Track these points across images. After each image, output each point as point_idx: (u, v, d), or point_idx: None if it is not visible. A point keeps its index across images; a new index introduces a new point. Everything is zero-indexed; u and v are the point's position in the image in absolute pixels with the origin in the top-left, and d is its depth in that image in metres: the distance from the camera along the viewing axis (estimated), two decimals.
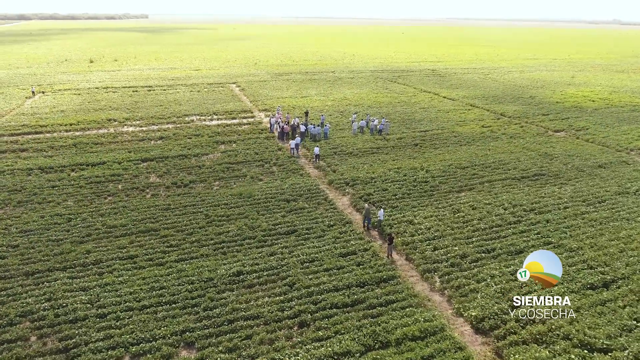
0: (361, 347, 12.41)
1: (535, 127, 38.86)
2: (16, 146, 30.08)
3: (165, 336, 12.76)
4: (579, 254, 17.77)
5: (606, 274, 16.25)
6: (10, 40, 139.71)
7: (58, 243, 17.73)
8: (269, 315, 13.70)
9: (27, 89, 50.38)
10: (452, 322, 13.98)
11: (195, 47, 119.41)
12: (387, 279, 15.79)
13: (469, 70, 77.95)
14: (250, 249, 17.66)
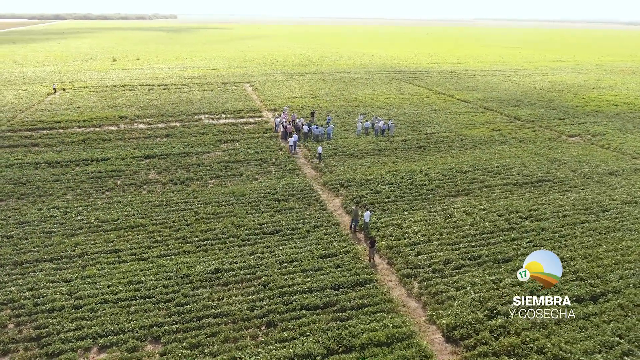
0: (324, 350, 12.30)
1: (549, 132, 37.55)
2: (29, 141, 31.38)
3: (133, 329, 13.02)
4: (570, 264, 17.05)
5: (596, 287, 15.53)
6: (42, 38, 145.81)
7: (50, 235, 18.39)
8: (238, 313, 13.77)
9: (50, 86, 52.47)
10: (424, 330, 13.67)
11: (217, 46, 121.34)
12: (364, 282, 15.59)
13: (489, 72, 76.15)
14: (233, 247, 17.81)
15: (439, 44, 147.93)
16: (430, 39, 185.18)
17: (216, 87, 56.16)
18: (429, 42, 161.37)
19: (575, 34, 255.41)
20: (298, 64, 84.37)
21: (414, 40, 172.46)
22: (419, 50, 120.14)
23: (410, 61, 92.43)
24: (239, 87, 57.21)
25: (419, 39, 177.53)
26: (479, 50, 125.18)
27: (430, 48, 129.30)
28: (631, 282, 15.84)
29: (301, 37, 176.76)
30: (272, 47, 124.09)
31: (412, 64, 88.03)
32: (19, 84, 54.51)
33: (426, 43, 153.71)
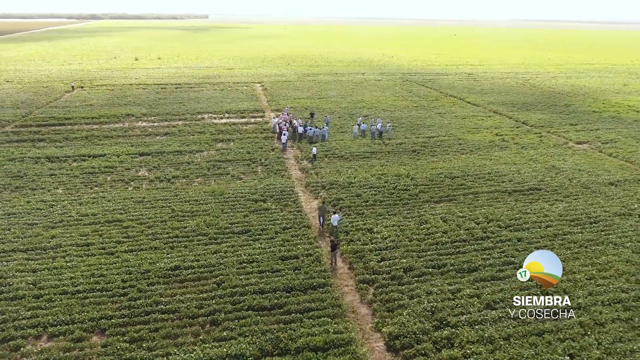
0: (258, 351, 12.39)
1: (555, 138, 36.16)
2: (36, 136, 33.00)
3: (83, 321, 13.53)
4: None
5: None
6: (74, 36, 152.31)
7: (31, 227, 19.32)
8: (185, 311, 14.07)
9: (69, 84, 54.82)
10: (367, 337, 13.53)
11: (238, 46, 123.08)
12: (317, 286, 15.57)
13: (508, 75, 74.00)
14: (199, 245, 18.16)
15: (464, 45, 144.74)
16: (456, 40, 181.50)
17: (227, 86, 57.14)
18: (454, 43, 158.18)
19: (609, 35, 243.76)
20: (314, 64, 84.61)
21: (439, 41, 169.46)
22: (441, 52, 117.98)
23: (429, 63, 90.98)
24: (249, 87, 57.99)
25: (444, 40, 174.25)
26: (504, 52, 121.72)
27: (452, 49, 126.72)
28: (600, 299, 15.11)
29: (326, 37, 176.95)
30: (293, 46, 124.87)
31: (431, 65, 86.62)
32: (42, 82, 57.29)
33: (450, 44, 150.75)
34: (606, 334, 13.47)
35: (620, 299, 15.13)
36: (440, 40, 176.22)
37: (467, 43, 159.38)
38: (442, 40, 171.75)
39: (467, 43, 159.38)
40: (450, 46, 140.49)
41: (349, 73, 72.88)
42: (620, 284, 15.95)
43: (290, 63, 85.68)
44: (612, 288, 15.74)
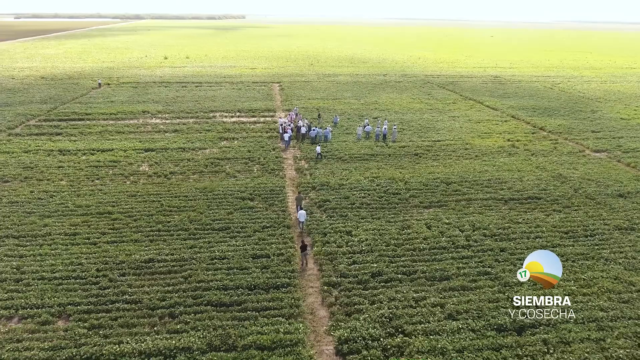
0: (205, 346, 12.66)
1: (571, 145, 34.47)
2: (55, 130, 34.97)
3: (52, 305, 14.28)
4: (513, 289, 15.79)
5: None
6: (114, 34, 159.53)
7: (29, 215, 20.55)
8: (147, 302, 14.56)
9: (97, 81, 57.59)
10: (319, 339, 13.51)
11: (266, 46, 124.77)
12: (281, 285, 15.68)
13: (537, 78, 71.15)
14: (177, 239, 18.70)
15: (498, 47, 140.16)
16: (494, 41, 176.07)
17: (245, 86, 58.21)
18: (489, 44, 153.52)
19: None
20: (337, 65, 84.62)
21: (475, 42, 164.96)
22: (472, 54, 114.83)
23: (456, 65, 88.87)
24: (267, 86, 58.81)
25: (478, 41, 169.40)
26: (539, 54, 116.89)
27: (484, 51, 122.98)
28: (572, 317, 14.34)
29: (356, 39, 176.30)
30: (320, 47, 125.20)
31: (457, 67, 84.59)
32: (74, 78, 60.55)
33: (484, 46, 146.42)
34: (570, 354, 12.79)
35: (596, 318, 14.31)
36: (473, 41, 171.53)
37: (503, 44, 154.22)
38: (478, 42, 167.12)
39: (503, 44, 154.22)
40: (484, 48, 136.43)
41: (370, 74, 72.39)
42: (600, 302, 15.08)
43: (313, 63, 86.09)
44: (590, 306, 14.90)
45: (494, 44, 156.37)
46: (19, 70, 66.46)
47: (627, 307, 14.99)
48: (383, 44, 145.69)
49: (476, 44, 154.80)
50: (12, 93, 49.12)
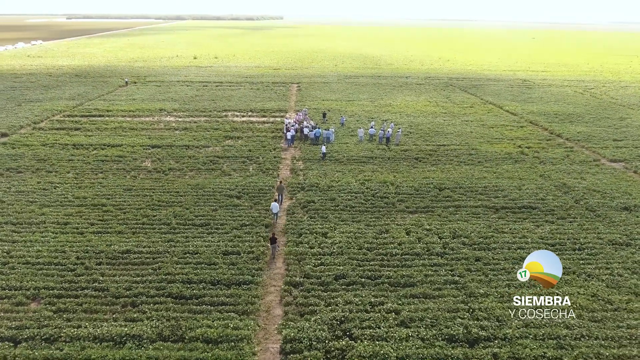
0: (155, 335, 13.22)
1: (587, 154, 32.80)
2: (75, 125, 37.15)
3: (29, 288, 15.35)
4: (477, 300, 15.39)
5: (485, 330, 13.89)
6: (152, 33, 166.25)
7: (30, 204, 22.07)
8: (114, 290, 15.34)
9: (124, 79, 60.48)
10: (267, 337, 13.76)
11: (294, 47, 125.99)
12: (244, 282, 16.05)
13: (570, 83, 67.91)
14: (157, 233, 19.50)
15: (539, 49, 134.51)
16: (535, 43, 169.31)
17: (264, 86, 59.22)
18: (528, 47, 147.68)
19: None
20: (361, 66, 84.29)
21: (514, 44, 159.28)
22: (507, 56, 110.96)
23: (485, 68, 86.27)
24: (285, 87, 59.56)
25: (519, 43, 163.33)
26: (580, 57, 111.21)
27: (521, 53, 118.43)
28: (533, 333, 13.80)
29: (390, 40, 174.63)
30: (351, 48, 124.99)
31: (485, 70, 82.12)
32: (105, 76, 63.87)
33: (522, 48, 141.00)
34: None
35: (558, 336, 13.71)
36: (514, 43, 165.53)
37: (545, 47, 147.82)
38: (518, 44, 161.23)
39: (545, 47, 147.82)
40: (520, 50, 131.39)
41: (393, 76, 71.66)
42: (568, 320, 14.40)
43: (338, 65, 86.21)
44: (555, 322, 14.28)
45: (532, 46, 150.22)
46: (57, 68, 70.90)
47: (597, 326, 14.25)
48: (415, 45, 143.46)
49: (512, 46, 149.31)
50: (45, 89, 52.57)
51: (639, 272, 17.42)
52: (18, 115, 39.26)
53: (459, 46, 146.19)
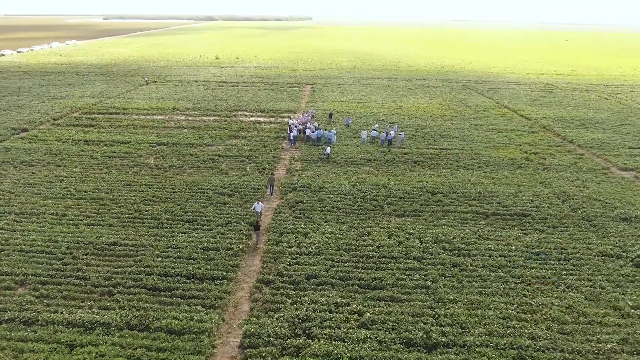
0: (123, 324, 13.90)
1: (596, 161, 31.65)
2: (90, 122, 38.94)
3: (19, 274, 16.40)
4: (445, 306, 15.30)
5: (445, 336, 13.83)
6: (181, 33, 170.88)
7: (35, 196, 23.44)
8: (94, 279, 16.18)
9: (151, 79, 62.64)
10: (230, 331, 14.20)
11: (316, 48, 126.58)
12: (216, 278, 16.56)
13: (596, 87, 65.39)
14: (145, 227, 20.31)
15: (570, 52, 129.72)
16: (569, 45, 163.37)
17: (278, 87, 60.03)
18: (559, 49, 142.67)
19: None
20: (380, 68, 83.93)
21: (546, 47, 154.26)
22: (533, 58, 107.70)
23: (508, 70, 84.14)
24: (299, 88, 60.16)
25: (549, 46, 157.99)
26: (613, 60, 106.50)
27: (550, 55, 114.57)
28: (495, 342, 13.62)
29: (416, 41, 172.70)
30: (374, 49, 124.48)
31: (508, 73, 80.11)
32: (128, 75, 66.39)
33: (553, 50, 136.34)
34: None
35: (519, 346, 13.47)
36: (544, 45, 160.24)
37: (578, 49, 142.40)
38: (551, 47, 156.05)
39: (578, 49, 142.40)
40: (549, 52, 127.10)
41: (410, 78, 71.06)
42: (534, 330, 14.13)
43: (356, 66, 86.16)
44: (520, 332, 14.03)
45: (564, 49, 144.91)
46: (85, 67, 74.25)
47: (565, 338, 13.91)
48: (439, 47, 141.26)
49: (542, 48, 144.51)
50: (70, 87, 55.25)
51: (624, 285, 16.82)
52: (40, 112, 41.54)
53: (484, 48, 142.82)
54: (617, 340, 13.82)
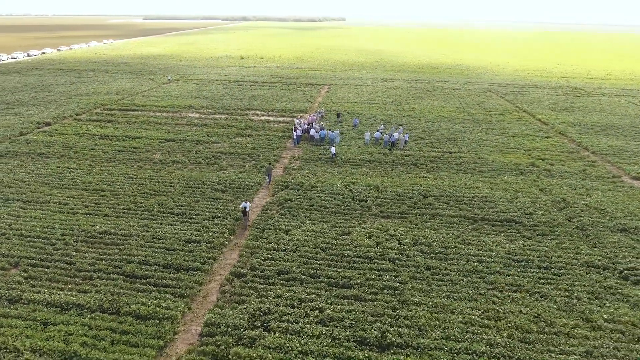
0: (96, 306, 14.83)
1: (608, 169, 30.33)
2: (109, 118, 41.00)
3: (14, 257, 17.74)
4: (408, 307, 15.33)
5: (401, 337, 13.90)
6: (212, 33, 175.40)
7: (44, 185, 25.10)
8: (80, 265, 17.27)
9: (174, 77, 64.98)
10: (193, 319, 14.83)
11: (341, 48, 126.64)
12: (193, 269, 17.28)
13: (629, 92, 62.33)
14: (137, 218, 21.37)
15: (609, 55, 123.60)
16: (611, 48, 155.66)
17: (295, 87, 60.76)
18: (598, 52, 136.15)
19: None
20: (402, 69, 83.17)
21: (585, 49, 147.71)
22: (568, 61, 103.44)
23: (536, 74, 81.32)
24: (316, 88, 60.66)
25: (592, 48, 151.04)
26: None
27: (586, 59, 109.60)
28: (449, 345, 13.55)
29: (446, 42, 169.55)
30: (401, 50, 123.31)
31: (535, 76, 77.46)
32: (154, 73, 69.14)
33: (595, 54, 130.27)
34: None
35: (474, 352, 13.36)
36: (588, 47, 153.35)
37: (619, 52, 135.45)
38: (592, 49, 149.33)
39: (619, 52, 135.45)
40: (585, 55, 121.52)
41: (430, 80, 70.07)
42: (494, 337, 13.94)
43: (377, 67, 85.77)
44: (479, 338, 13.89)
45: (605, 51, 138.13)
46: (115, 65, 77.87)
47: (525, 347, 13.66)
48: (468, 48, 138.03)
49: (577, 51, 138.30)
50: (96, 84, 58.23)
51: (603, 297, 16.23)
52: (65, 107, 44.13)
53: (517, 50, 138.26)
54: (581, 353, 13.44)
